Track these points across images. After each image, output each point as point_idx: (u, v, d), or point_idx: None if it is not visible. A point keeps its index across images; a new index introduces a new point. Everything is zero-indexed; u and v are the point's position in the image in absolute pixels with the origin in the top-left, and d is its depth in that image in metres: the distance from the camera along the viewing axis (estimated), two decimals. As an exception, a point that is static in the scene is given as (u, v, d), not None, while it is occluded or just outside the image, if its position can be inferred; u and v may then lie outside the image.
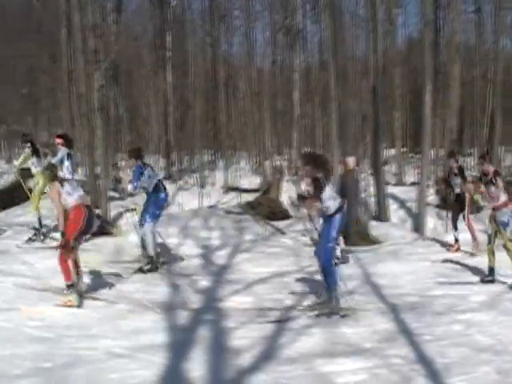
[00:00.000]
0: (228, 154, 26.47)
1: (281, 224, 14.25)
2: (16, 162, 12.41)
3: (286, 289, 8.54)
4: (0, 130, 38.70)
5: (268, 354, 5.83)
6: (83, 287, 7.89)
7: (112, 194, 16.19)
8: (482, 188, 9.19)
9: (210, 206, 16.63)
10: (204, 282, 9.07)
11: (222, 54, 32.06)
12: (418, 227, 13.76)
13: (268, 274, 9.47)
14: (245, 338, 6.31)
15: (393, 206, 15.47)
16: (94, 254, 10.18)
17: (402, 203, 15.68)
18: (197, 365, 5.53)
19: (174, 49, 30.08)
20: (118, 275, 9.11)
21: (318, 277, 7.87)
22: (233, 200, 17.61)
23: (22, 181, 12.40)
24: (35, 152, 11.86)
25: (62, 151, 11.09)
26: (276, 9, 31.95)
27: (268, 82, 29.64)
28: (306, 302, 7.75)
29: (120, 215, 13.81)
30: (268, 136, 26.88)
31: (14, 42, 37.15)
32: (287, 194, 17.10)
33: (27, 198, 12.68)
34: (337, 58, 16.09)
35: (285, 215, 15.54)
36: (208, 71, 33.12)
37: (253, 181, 20.97)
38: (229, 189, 19.46)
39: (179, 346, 6.09)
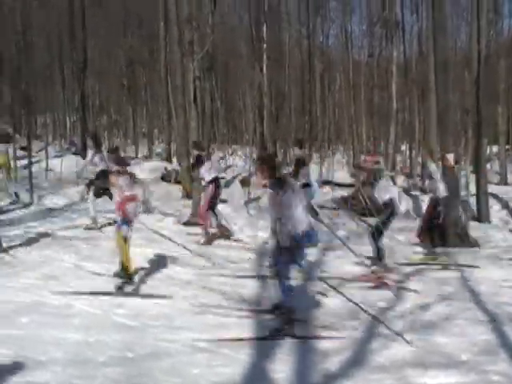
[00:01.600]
0: (322, 146, 26.14)
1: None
2: None
3: (379, 290, 8.19)
4: (102, 120, 40.23)
5: (357, 359, 5.56)
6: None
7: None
8: None
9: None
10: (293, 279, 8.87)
11: (318, 45, 31.80)
12: (522, 230, 12.99)
13: (361, 273, 9.14)
14: (333, 339, 6.06)
15: (494, 207, 14.70)
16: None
17: (504, 204, 14.87)
18: (281, 365, 5.36)
19: (270, 40, 30.01)
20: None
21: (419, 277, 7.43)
22: (326, 194, 17.33)
23: None
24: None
25: None
26: (373, 0, 31.31)
27: (365, 74, 29.13)
28: (403, 306, 7.39)
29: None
30: (364, 129, 26.36)
31: (116, 37, 38.45)
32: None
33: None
34: (437, 49, 15.40)
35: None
36: (304, 63, 32.96)
37: (347, 175, 20.56)
38: (323, 183, 19.17)
39: (264, 344, 5.93)
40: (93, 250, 9.83)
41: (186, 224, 12.57)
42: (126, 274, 7.56)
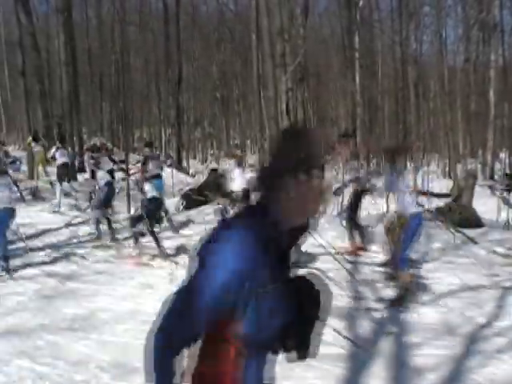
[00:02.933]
0: (417, 155, 25.57)
1: (473, 232, 13.33)
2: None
3: (478, 305, 7.87)
4: (195, 132, 41.26)
5: (453, 377, 5.35)
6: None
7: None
8: None
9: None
10: (388, 290, 8.69)
11: (411, 53, 31.20)
12: None
13: (457, 286, 8.81)
14: (429, 355, 5.86)
15: None
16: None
17: None
18: (376, 380, 5.24)
19: (362, 49, 29.79)
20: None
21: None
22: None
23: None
24: None
25: None
26: (470, 2, 30.35)
27: (460, 80, 28.26)
28: (502, 323, 7.06)
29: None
30: (461, 137, 25.51)
31: (209, 52, 39.47)
32: (481, 200, 16.04)
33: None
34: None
35: (478, 223, 14.53)
36: (397, 71, 32.41)
37: (443, 184, 19.93)
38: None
39: (358, 357, 5.82)
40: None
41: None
42: None
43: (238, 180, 11.68)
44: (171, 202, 15.92)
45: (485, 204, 16.06)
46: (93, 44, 37.35)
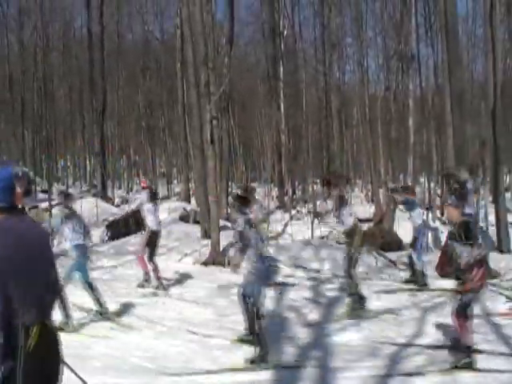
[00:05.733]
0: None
1: (394, 255, 13.73)
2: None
3: (398, 325, 8.08)
4: (121, 161, 40.89)
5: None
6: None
7: (224, 223, 16.21)
8: None
9: (322, 237, 16.33)
10: (313, 316, 8.80)
11: (334, 82, 32.02)
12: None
13: (379, 308, 9.03)
14: (353, 378, 5.96)
15: (516, 237, 14.43)
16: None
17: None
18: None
19: (287, 79, 30.35)
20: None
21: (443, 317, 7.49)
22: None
23: None
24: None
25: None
26: (389, 34, 31.52)
27: (381, 108, 29.16)
28: (421, 341, 7.27)
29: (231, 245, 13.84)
30: (382, 163, 26.30)
31: (134, 81, 39.29)
32: (403, 223, 16.49)
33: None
34: (453, 81, 15.46)
35: (399, 246, 15.00)
36: (320, 100, 33.18)
37: (367, 209, 20.42)
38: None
39: (284, 383, 5.87)
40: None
41: (205, 264, 12.56)
42: None
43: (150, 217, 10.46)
44: (96, 233, 15.60)
45: (405, 227, 16.52)
46: (14, 70, 36.47)
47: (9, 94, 35.75)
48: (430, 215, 18.26)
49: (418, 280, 10.69)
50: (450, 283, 9.74)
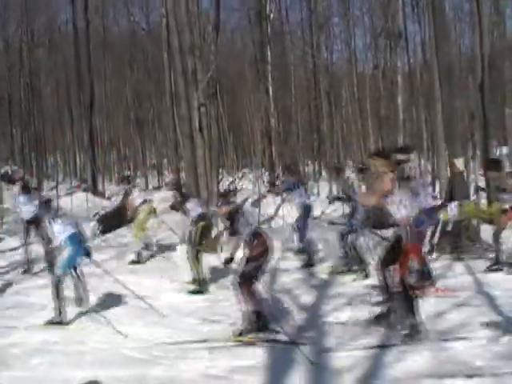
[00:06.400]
0: (331, 163, 26.06)
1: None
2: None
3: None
4: (111, 154, 40.68)
5: (371, 375, 5.44)
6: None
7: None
8: None
9: (315, 218, 16.26)
10: (305, 297, 8.79)
11: (322, 63, 31.89)
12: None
13: (370, 288, 8.99)
14: (346, 357, 5.93)
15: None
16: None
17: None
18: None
19: (275, 62, 30.19)
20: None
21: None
22: (337, 210, 17.20)
23: None
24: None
25: None
26: (376, 13, 31.40)
27: (370, 87, 29.11)
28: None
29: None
30: (372, 142, 26.29)
31: (122, 73, 39.02)
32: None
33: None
34: (440, 56, 15.35)
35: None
36: (309, 81, 33.06)
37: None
38: (334, 199, 18.98)
39: (278, 366, 5.85)
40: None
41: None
42: None
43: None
44: (87, 227, 15.51)
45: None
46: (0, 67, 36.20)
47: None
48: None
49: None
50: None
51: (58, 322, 7.41)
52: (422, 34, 27.73)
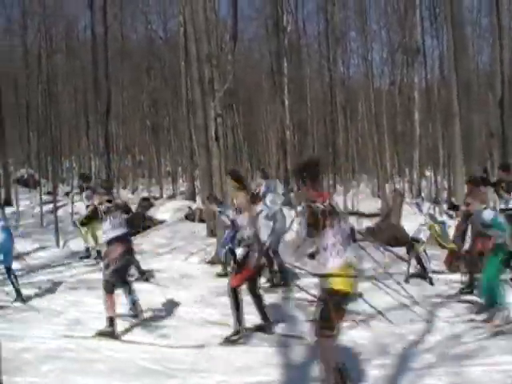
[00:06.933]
0: (346, 177, 25.94)
1: (402, 251, 13.56)
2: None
3: (408, 322, 7.93)
4: (126, 161, 40.79)
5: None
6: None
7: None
8: None
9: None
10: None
11: (339, 76, 31.87)
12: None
13: (388, 304, 8.86)
14: (364, 376, 5.85)
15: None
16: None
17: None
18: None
19: (291, 74, 30.19)
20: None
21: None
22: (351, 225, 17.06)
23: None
24: None
25: None
26: (393, 28, 31.34)
27: (387, 102, 29.01)
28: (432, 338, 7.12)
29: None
30: (388, 157, 26.17)
31: (139, 80, 39.22)
32: (409, 218, 16.31)
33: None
34: (458, 71, 15.30)
35: (406, 241, 14.80)
36: (325, 95, 33.03)
37: (373, 204, 20.23)
38: (348, 214, 18.91)
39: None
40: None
41: (210, 263, 12.48)
42: None
43: None
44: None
45: (412, 222, 16.37)
46: (19, 73, 36.49)
47: (13, 97, 35.79)
48: (437, 209, 18.06)
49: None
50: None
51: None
52: (440, 48, 27.68)
